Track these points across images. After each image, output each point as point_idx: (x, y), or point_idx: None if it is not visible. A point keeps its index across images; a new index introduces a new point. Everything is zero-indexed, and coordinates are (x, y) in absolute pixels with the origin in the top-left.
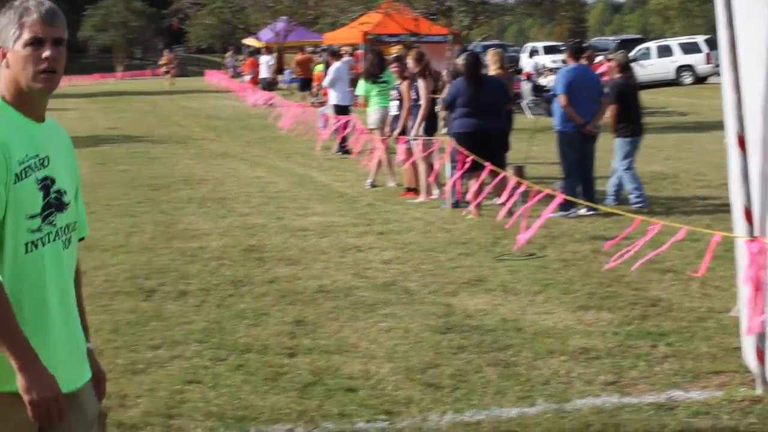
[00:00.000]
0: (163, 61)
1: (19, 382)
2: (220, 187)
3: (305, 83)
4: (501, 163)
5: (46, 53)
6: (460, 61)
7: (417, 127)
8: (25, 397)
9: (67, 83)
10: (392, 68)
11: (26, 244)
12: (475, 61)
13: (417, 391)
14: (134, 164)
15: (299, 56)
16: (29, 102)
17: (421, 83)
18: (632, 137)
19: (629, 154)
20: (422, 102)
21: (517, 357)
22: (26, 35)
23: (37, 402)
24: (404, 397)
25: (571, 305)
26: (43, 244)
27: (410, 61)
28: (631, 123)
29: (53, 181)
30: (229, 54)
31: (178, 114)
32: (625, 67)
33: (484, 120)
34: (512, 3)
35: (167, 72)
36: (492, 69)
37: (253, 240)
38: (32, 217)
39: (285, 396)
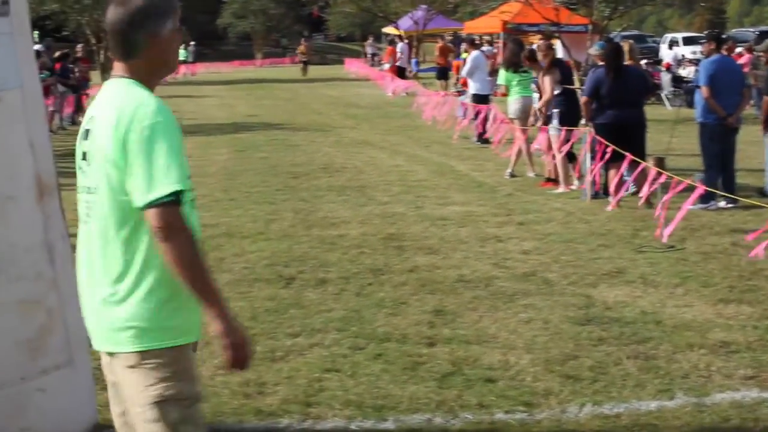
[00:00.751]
0: (300, 50)
1: (217, 328)
2: (360, 176)
3: (442, 72)
4: (641, 154)
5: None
6: (593, 51)
7: (542, 117)
8: (224, 341)
9: (207, 70)
10: (525, 62)
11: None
12: (616, 52)
13: (556, 383)
14: (274, 151)
15: (440, 44)
16: (155, 85)
17: (547, 77)
18: None
19: None
20: (545, 95)
21: (656, 350)
22: (176, 22)
23: (233, 345)
24: (543, 389)
25: (711, 298)
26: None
27: (539, 53)
28: None
29: None
30: (369, 42)
31: (318, 102)
32: None
33: (623, 111)
34: None
35: (302, 62)
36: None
37: (393, 228)
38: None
39: (424, 386)
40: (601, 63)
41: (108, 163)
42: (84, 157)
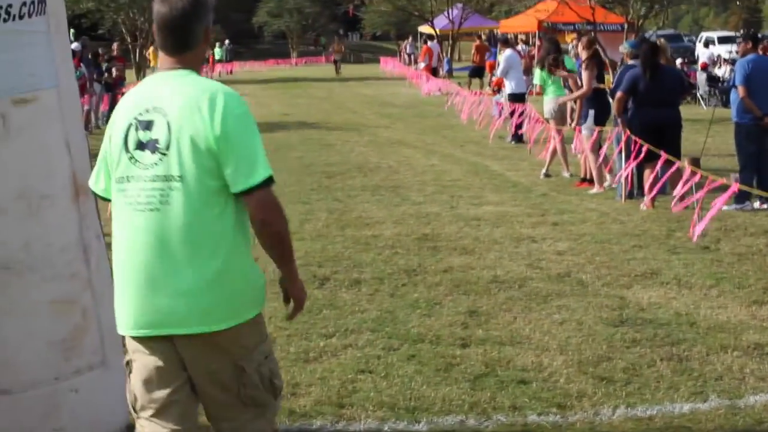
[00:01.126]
0: (335, 48)
1: (293, 285)
2: (394, 175)
3: (477, 71)
4: (677, 154)
5: None
6: (623, 49)
7: (578, 116)
8: (298, 298)
9: (243, 69)
10: (550, 69)
11: None
12: (653, 50)
13: (589, 385)
14: (308, 151)
15: (476, 43)
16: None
17: (586, 72)
18: None
19: None
20: (583, 89)
21: (690, 352)
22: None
23: (301, 300)
24: (576, 391)
25: (745, 300)
26: None
27: (580, 47)
28: None
29: None
30: (408, 42)
31: (353, 101)
32: None
33: (660, 110)
34: None
35: (335, 61)
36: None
37: (427, 229)
38: None
39: (457, 387)
40: (631, 61)
41: (198, 151)
42: (142, 147)
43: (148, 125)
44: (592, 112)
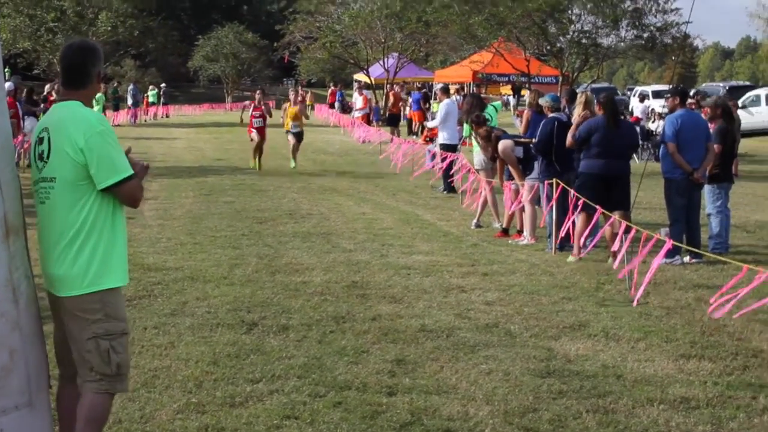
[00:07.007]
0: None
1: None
2: (325, 222)
3: (393, 119)
4: (627, 204)
5: None
6: (543, 102)
7: (500, 171)
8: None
9: (177, 113)
10: (473, 126)
11: None
12: (613, 101)
13: None
14: (240, 196)
15: (393, 92)
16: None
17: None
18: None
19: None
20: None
21: (616, 404)
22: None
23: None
24: None
25: (673, 353)
26: None
27: (531, 97)
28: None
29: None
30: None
31: (286, 147)
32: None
33: (612, 162)
34: (623, 46)
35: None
36: (579, 111)
37: (357, 276)
38: None
39: None
40: (553, 114)
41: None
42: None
43: (40, 141)
44: (536, 165)
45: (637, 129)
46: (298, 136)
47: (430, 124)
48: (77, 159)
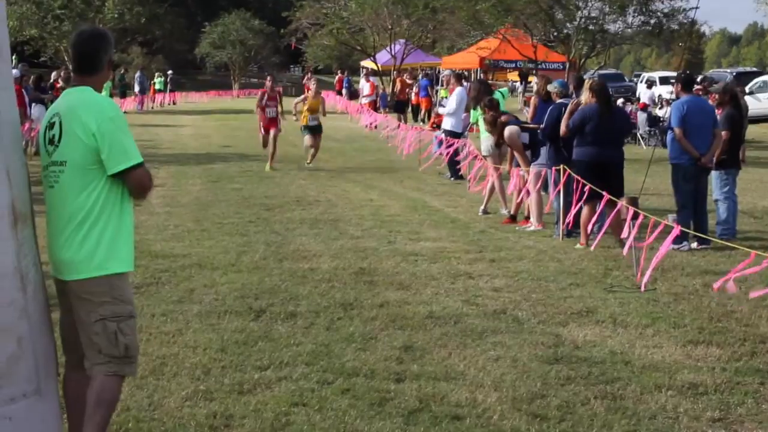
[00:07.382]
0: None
1: None
2: (333, 209)
3: (400, 105)
4: (620, 193)
5: None
6: (552, 88)
7: (510, 158)
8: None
9: (183, 100)
10: (485, 111)
11: None
12: (606, 88)
13: (523, 422)
14: (248, 183)
15: (399, 78)
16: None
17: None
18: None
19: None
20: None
21: (624, 390)
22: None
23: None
24: (510, 427)
25: (681, 339)
26: None
27: (539, 84)
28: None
29: None
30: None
31: (293, 134)
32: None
33: (608, 149)
34: (631, 32)
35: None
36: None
37: (364, 263)
38: None
39: (390, 422)
40: (561, 100)
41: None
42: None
43: (51, 126)
44: (544, 151)
45: (645, 115)
46: (316, 130)
47: (441, 110)
48: (89, 143)
